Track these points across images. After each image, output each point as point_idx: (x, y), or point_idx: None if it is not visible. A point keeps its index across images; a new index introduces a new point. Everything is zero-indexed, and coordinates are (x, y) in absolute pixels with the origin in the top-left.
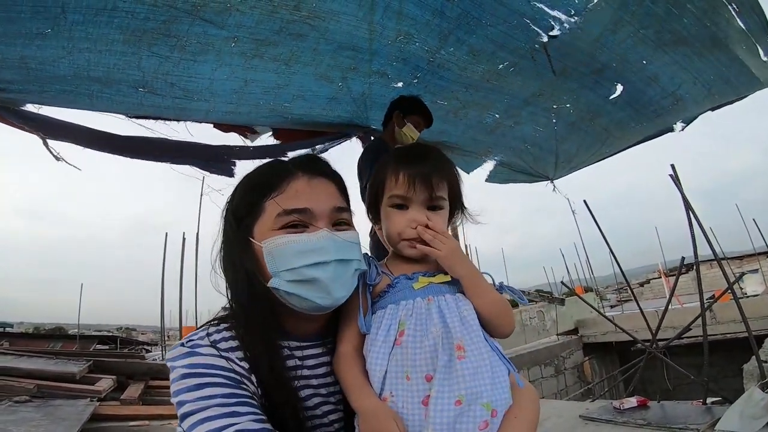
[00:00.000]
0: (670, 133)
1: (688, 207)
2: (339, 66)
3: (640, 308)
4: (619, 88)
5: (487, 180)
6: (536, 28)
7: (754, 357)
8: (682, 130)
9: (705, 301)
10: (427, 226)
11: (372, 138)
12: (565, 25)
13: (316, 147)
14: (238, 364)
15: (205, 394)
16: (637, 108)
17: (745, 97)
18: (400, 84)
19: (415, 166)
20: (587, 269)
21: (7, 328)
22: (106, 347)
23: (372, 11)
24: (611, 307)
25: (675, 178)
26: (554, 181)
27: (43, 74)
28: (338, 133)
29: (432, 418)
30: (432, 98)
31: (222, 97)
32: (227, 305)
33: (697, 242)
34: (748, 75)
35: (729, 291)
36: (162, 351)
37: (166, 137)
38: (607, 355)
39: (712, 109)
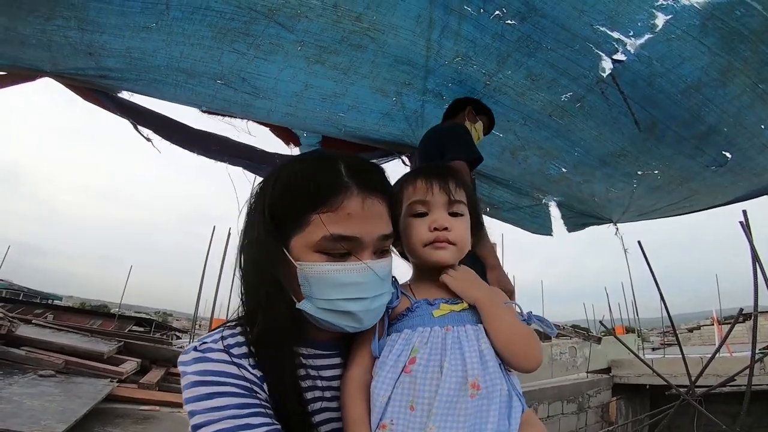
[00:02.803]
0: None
1: (755, 258)
2: (395, 80)
3: (682, 352)
4: (728, 156)
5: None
6: (599, 52)
7: None
8: None
9: (757, 352)
10: (446, 229)
11: None
12: (629, 48)
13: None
14: (249, 371)
15: (217, 404)
16: (739, 173)
17: None
18: None
19: (432, 173)
20: (632, 309)
21: (55, 301)
22: (141, 329)
23: (430, 29)
24: (653, 349)
25: (745, 226)
26: (617, 224)
27: (142, 64)
28: (386, 150)
29: None
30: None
31: (284, 98)
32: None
33: (759, 293)
34: None
35: None
36: (191, 339)
37: (229, 137)
38: (637, 397)
39: None
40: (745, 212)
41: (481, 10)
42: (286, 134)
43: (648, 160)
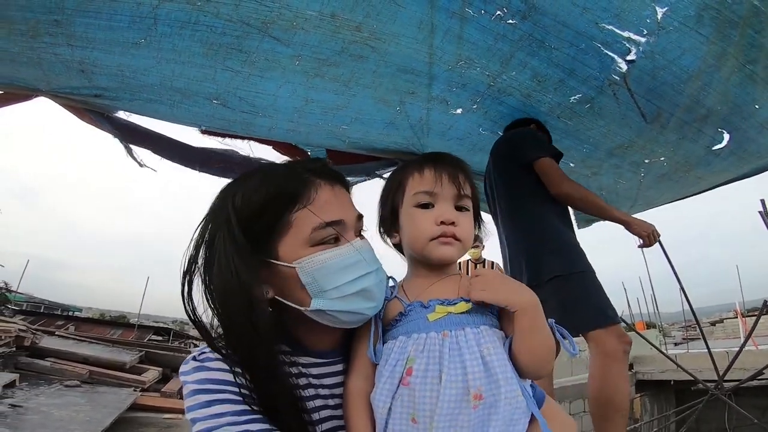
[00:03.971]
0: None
1: None
2: (398, 89)
3: (708, 347)
4: (726, 137)
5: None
6: (609, 53)
7: None
8: None
9: None
10: (453, 224)
11: None
12: (641, 48)
13: (371, 175)
14: (247, 378)
15: (216, 411)
16: (741, 156)
17: None
18: (459, 110)
19: (441, 163)
20: (652, 305)
21: (75, 312)
22: (160, 338)
23: (432, 34)
24: (675, 344)
25: (765, 215)
26: None
27: (135, 82)
28: (391, 159)
29: None
30: (492, 126)
31: (284, 114)
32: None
33: None
34: None
35: None
36: None
37: (234, 150)
38: (662, 393)
39: None
40: (763, 201)
41: (482, 11)
42: (291, 150)
43: (654, 148)
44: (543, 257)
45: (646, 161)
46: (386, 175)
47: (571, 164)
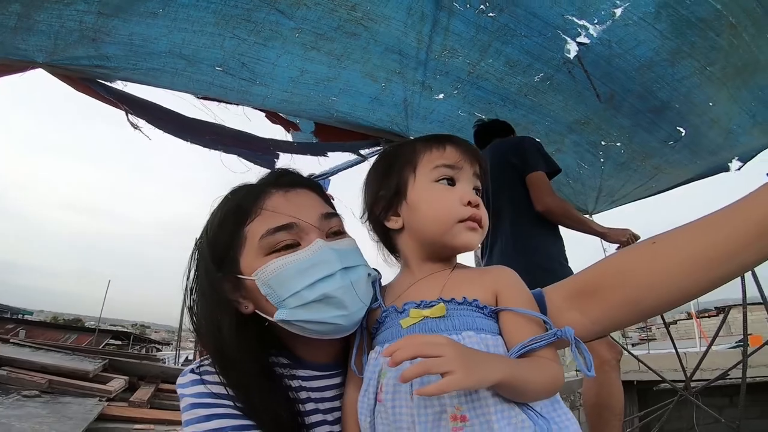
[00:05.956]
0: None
1: None
2: (385, 67)
3: (676, 348)
4: (682, 132)
5: None
6: (566, 37)
7: None
8: (739, 169)
9: (747, 346)
10: (478, 207)
11: None
12: (592, 33)
13: (357, 153)
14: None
15: (215, 426)
16: (695, 150)
17: None
18: (441, 96)
19: (460, 140)
20: None
21: (25, 315)
22: (119, 342)
23: (422, 22)
24: (632, 345)
25: None
26: (593, 215)
27: (143, 50)
28: (377, 138)
29: None
30: (470, 109)
31: (280, 83)
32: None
33: (737, 286)
34: None
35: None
36: (176, 353)
37: (224, 124)
38: (626, 394)
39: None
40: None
41: (468, 6)
42: (281, 120)
43: (609, 129)
44: (542, 275)
45: (603, 143)
46: (372, 158)
47: (537, 138)
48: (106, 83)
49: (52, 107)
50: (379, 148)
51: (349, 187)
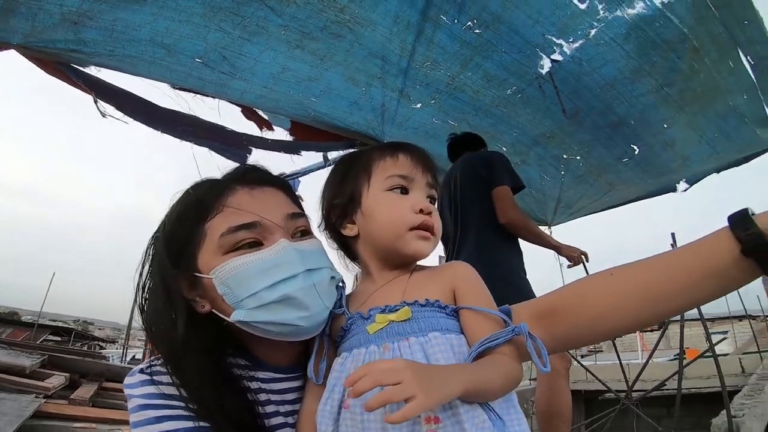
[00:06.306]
0: (670, 193)
1: None
2: (366, 71)
3: (620, 360)
4: (636, 150)
5: None
6: (542, 54)
7: (723, 411)
8: (685, 191)
9: (683, 359)
10: (430, 214)
11: None
12: (566, 50)
13: (329, 157)
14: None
15: (166, 428)
16: (646, 169)
17: (751, 159)
18: (418, 105)
19: (414, 150)
20: None
21: None
22: (59, 338)
23: (407, 31)
24: (581, 356)
25: (674, 247)
26: (552, 226)
27: (123, 36)
28: (352, 140)
29: None
30: (444, 117)
31: (260, 79)
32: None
33: None
34: (750, 132)
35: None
36: (124, 350)
37: (197, 116)
38: (574, 403)
39: (718, 171)
40: (673, 234)
41: (455, 21)
42: (257, 117)
43: (571, 143)
44: (503, 287)
45: (564, 156)
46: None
47: (504, 148)
48: (78, 68)
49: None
50: (353, 150)
51: (320, 188)
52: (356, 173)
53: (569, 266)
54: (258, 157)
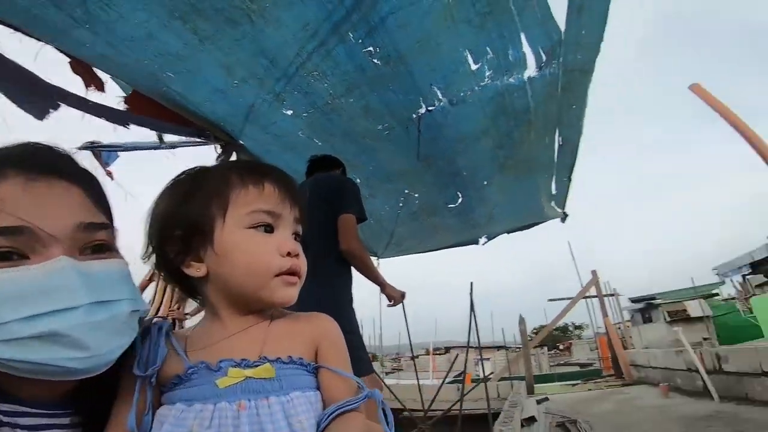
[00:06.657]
0: (474, 245)
1: (472, 310)
2: (248, 68)
3: (418, 382)
4: (460, 198)
5: None
6: (422, 101)
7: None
8: (483, 245)
9: (454, 379)
10: (297, 257)
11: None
12: (442, 103)
13: (165, 139)
14: None
15: None
16: (463, 219)
17: (531, 227)
18: (290, 112)
19: (283, 179)
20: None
21: None
22: None
23: (310, 40)
24: (386, 374)
25: (471, 293)
26: (380, 259)
27: None
28: (199, 129)
29: None
30: (311, 134)
31: (114, 38)
32: None
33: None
34: (539, 204)
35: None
36: None
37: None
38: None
39: (508, 232)
40: (472, 283)
41: (360, 41)
42: (89, 73)
43: (416, 182)
44: (332, 308)
45: (406, 191)
46: (177, 152)
47: (358, 180)
48: None
49: None
50: (199, 143)
51: (141, 169)
52: (206, 199)
53: (389, 305)
54: (70, 121)
